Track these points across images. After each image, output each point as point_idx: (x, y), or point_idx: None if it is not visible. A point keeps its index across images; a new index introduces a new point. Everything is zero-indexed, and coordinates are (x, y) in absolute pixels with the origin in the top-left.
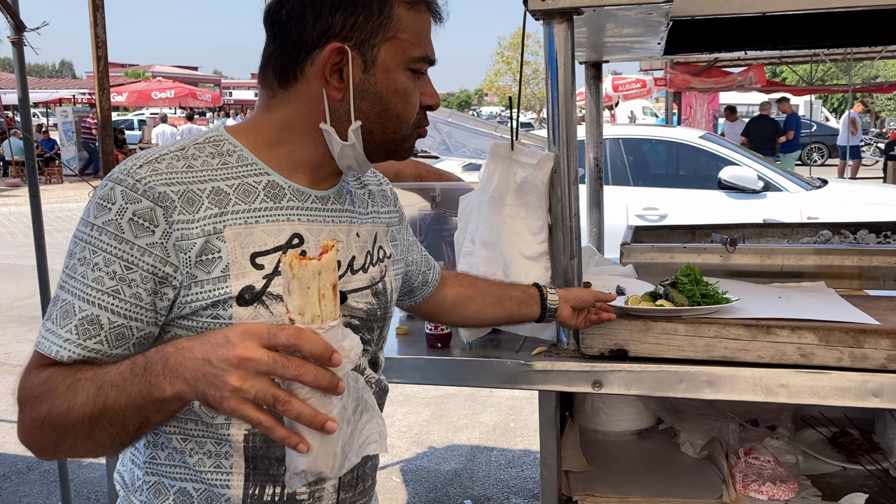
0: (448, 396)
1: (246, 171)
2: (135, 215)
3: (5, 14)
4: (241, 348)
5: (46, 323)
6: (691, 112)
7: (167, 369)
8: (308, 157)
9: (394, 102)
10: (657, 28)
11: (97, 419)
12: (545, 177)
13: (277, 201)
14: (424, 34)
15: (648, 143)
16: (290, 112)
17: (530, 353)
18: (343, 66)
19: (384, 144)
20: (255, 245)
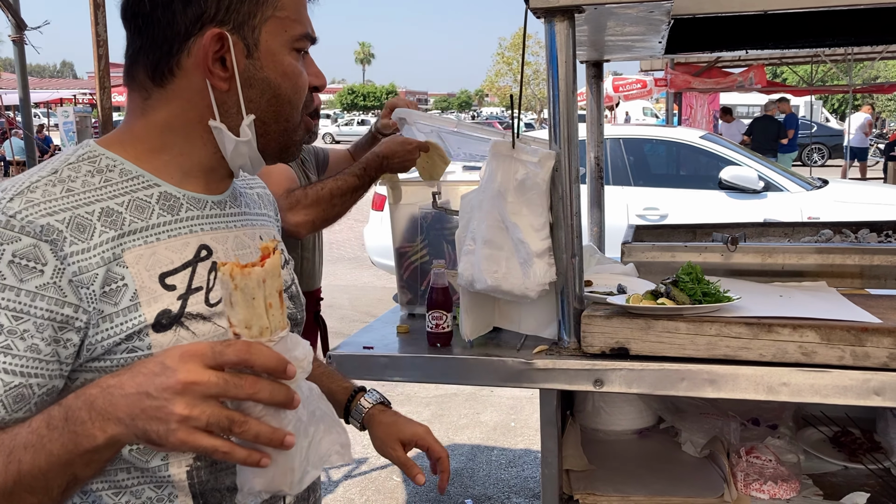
0: (449, 396)
1: (133, 186)
2: (15, 256)
3: (6, 13)
4: (183, 372)
5: None
6: (692, 112)
7: (95, 413)
8: (198, 160)
9: (284, 87)
10: (658, 26)
11: (12, 491)
12: (546, 175)
13: (175, 213)
14: (302, 10)
15: (649, 143)
16: (170, 112)
17: (531, 351)
18: (225, 53)
19: (278, 137)
20: (161, 265)
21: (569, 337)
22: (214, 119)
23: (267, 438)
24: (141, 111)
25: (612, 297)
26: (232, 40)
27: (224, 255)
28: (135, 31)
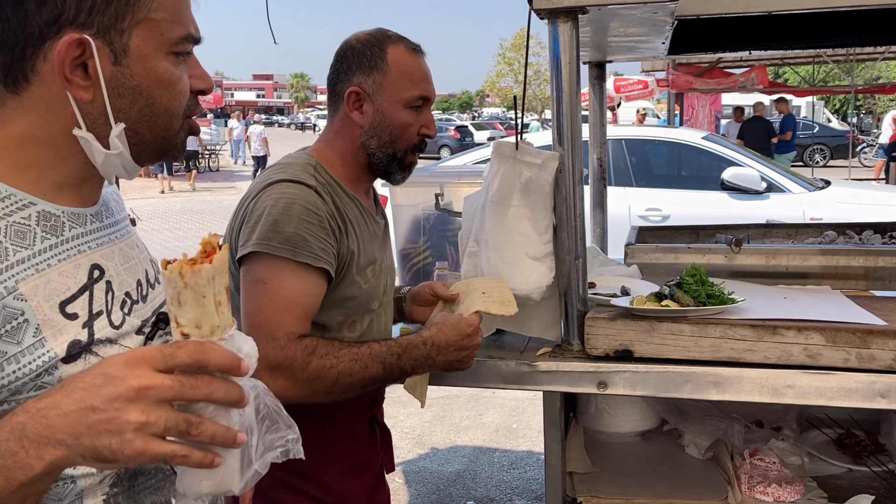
0: (450, 397)
1: (7, 208)
2: None
3: None
4: (133, 378)
5: None
6: (693, 113)
7: (27, 441)
8: (70, 172)
9: (158, 95)
10: (662, 27)
11: None
12: (550, 176)
13: (58, 234)
14: (182, 9)
15: (651, 143)
16: (30, 123)
17: (535, 353)
18: (87, 59)
19: (154, 144)
20: (58, 293)
21: (572, 339)
22: (79, 128)
23: (221, 438)
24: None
25: (615, 299)
26: (95, 45)
27: (115, 273)
28: None
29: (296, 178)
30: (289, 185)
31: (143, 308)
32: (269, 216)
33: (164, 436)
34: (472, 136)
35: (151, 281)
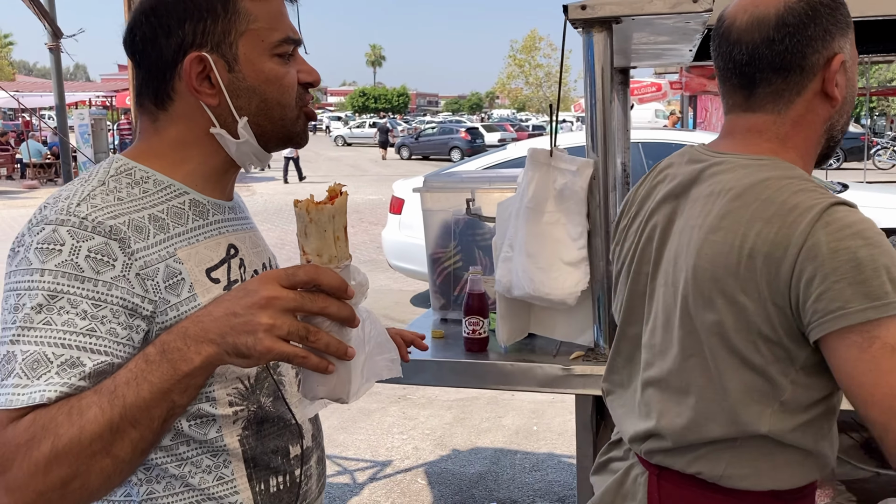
0: (470, 399)
1: (168, 195)
2: (91, 252)
3: (43, 21)
4: (265, 291)
5: (8, 381)
6: (707, 115)
7: (189, 340)
8: (215, 165)
9: (269, 91)
10: (692, 36)
11: (117, 426)
12: (584, 183)
13: (205, 218)
14: (278, 17)
15: (667, 147)
16: (179, 130)
17: (567, 357)
18: (209, 72)
19: (276, 132)
20: (205, 262)
21: (605, 343)
22: (215, 127)
23: (334, 349)
24: (154, 131)
25: None
26: (212, 59)
27: (246, 254)
28: (136, 66)
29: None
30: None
31: None
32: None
33: (287, 339)
34: (482, 137)
35: (273, 267)
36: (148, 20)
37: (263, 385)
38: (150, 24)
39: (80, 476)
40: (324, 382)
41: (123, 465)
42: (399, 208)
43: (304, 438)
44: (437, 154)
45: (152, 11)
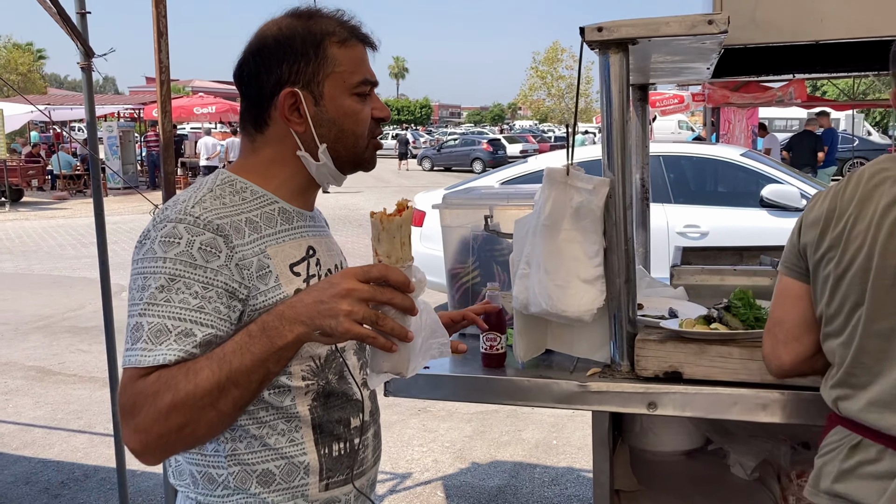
0: (489, 413)
1: (261, 203)
2: (202, 245)
3: (76, 41)
4: (345, 283)
5: (137, 345)
6: (730, 127)
7: (284, 321)
8: (300, 181)
9: (346, 123)
10: (709, 55)
11: (224, 385)
12: (601, 202)
13: (291, 223)
14: (360, 62)
15: (688, 160)
16: (272, 150)
17: (584, 373)
18: (298, 104)
19: (349, 158)
20: (289, 258)
21: (622, 360)
22: (300, 150)
23: (398, 332)
24: (252, 151)
25: (664, 321)
26: (302, 95)
27: (322, 255)
28: (242, 96)
29: None
30: None
31: None
32: None
33: (362, 323)
34: (504, 149)
35: (343, 267)
36: (254, 59)
37: (332, 365)
38: (255, 63)
39: (192, 424)
40: (388, 359)
41: (224, 417)
42: (420, 221)
43: (363, 412)
44: (458, 165)
45: (258, 52)
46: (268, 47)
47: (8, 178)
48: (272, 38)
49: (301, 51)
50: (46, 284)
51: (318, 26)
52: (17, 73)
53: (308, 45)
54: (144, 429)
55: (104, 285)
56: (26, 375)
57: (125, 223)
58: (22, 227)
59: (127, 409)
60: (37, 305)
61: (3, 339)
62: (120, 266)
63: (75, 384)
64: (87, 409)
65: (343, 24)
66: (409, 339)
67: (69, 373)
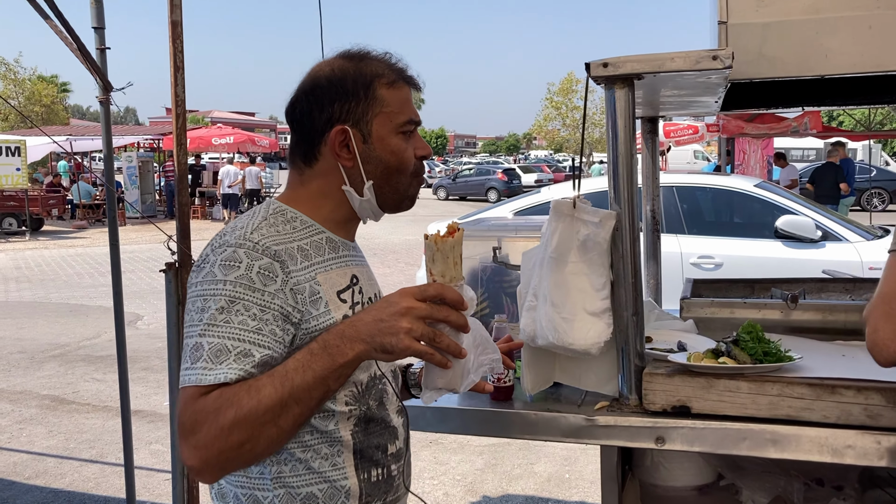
0: (502, 445)
1: (310, 232)
2: (261, 269)
3: (95, 76)
4: (404, 302)
5: (197, 364)
6: (745, 158)
7: (345, 340)
8: (344, 214)
9: (392, 161)
10: (715, 89)
11: (286, 402)
12: (607, 234)
13: (336, 252)
14: (406, 103)
15: (702, 190)
16: (320, 183)
17: (592, 407)
18: (348, 141)
19: (392, 195)
20: (336, 286)
21: (630, 394)
22: (346, 185)
23: (453, 349)
24: (301, 183)
25: (673, 354)
26: (352, 133)
27: (364, 283)
28: (292, 131)
29: None
30: None
31: None
32: None
33: (420, 340)
34: (519, 178)
35: (380, 296)
36: (307, 98)
37: (371, 391)
38: (307, 101)
39: (252, 440)
40: (442, 376)
41: (283, 434)
42: None
43: (398, 440)
44: (473, 195)
45: (311, 91)
46: (321, 87)
47: (29, 207)
48: (325, 79)
49: (352, 91)
50: (63, 313)
51: (369, 68)
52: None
53: (359, 86)
54: (205, 445)
55: (118, 315)
56: (40, 404)
57: (142, 252)
58: (41, 256)
59: (187, 427)
60: (53, 334)
61: (19, 368)
62: (136, 295)
63: (89, 413)
64: (99, 438)
65: (391, 67)
66: (463, 355)
67: (83, 402)
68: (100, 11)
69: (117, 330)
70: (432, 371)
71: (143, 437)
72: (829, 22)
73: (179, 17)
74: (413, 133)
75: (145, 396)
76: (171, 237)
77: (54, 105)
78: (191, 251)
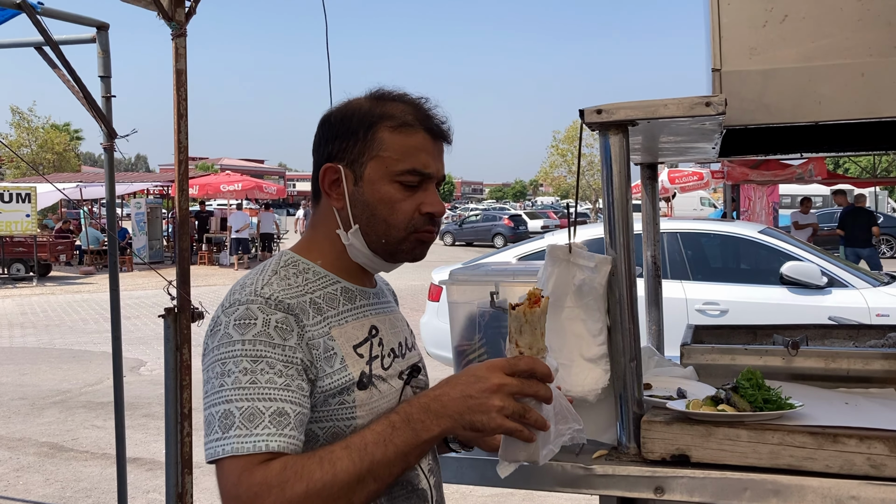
0: (505, 495)
1: (324, 283)
2: (277, 323)
3: (99, 123)
4: (494, 378)
5: (230, 433)
6: (750, 204)
7: (430, 414)
8: (349, 260)
9: (379, 209)
10: (711, 136)
11: (363, 477)
12: (603, 279)
13: (353, 302)
14: (412, 151)
15: (707, 237)
16: (325, 226)
17: (590, 456)
18: (340, 181)
19: (381, 246)
20: (352, 339)
21: (628, 442)
22: (339, 228)
23: (540, 423)
24: (312, 225)
25: (671, 402)
26: (344, 172)
27: (385, 333)
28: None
29: None
30: None
31: (402, 362)
32: None
33: (510, 417)
34: (525, 224)
35: (409, 345)
36: (321, 129)
37: None
38: (318, 135)
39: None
40: (524, 449)
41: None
42: (437, 295)
43: (427, 503)
44: (480, 240)
45: (323, 124)
46: (330, 121)
47: (37, 253)
48: (338, 113)
49: (353, 130)
50: (66, 359)
51: (381, 109)
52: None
53: (360, 126)
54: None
55: (116, 361)
56: (39, 451)
57: (148, 298)
58: (47, 302)
59: (245, 500)
60: (55, 380)
61: (20, 414)
62: (140, 341)
63: (87, 461)
64: (96, 486)
65: (413, 111)
66: (547, 428)
67: (81, 449)
68: (106, 62)
69: (115, 376)
70: (513, 444)
71: (140, 485)
72: (822, 70)
73: (184, 65)
74: (420, 186)
75: (145, 444)
76: (170, 282)
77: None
78: (190, 296)
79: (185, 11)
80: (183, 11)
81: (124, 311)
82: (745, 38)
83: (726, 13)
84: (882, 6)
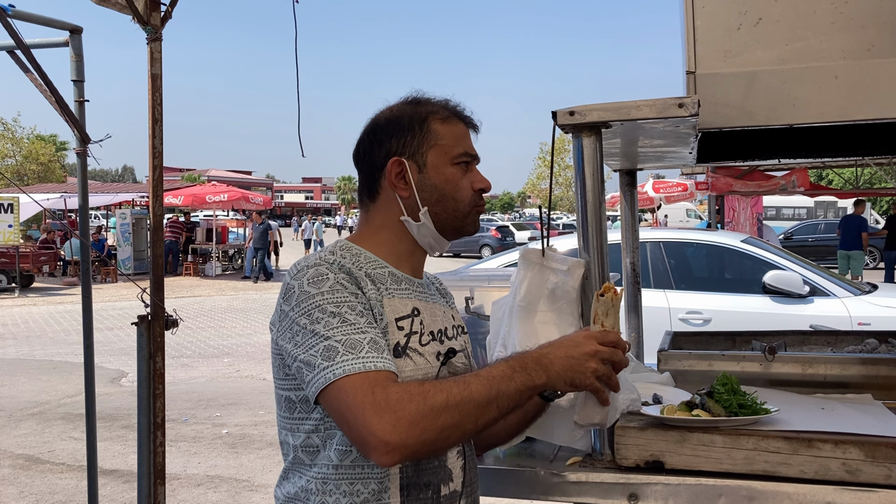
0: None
1: (375, 266)
2: (343, 279)
3: (72, 127)
4: (591, 345)
5: (338, 358)
6: (734, 215)
7: (540, 366)
8: (405, 247)
9: (447, 189)
10: (686, 139)
11: (491, 401)
12: (576, 283)
13: (398, 284)
14: (460, 138)
15: (690, 246)
16: (382, 217)
17: (564, 463)
18: (404, 172)
19: (450, 221)
20: (397, 312)
21: (603, 448)
22: (403, 215)
23: (617, 386)
24: (367, 220)
25: (646, 407)
26: (408, 164)
27: (426, 316)
28: (358, 171)
29: None
30: None
31: (440, 346)
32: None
33: (598, 378)
34: (512, 235)
35: (450, 336)
36: (368, 138)
37: None
38: (368, 141)
39: (454, 427)
40: (599, 412)
41: (472, 433)
42: None
43: (452, 482)
44: (467, 251)
45: (371, 131)
46: (380, 126)
47: (20, 264)
48: (384, 119)
49: (408, 126)
50: (46, 370)
51: (424, 108)
52: (37, 163)
53: (414, 122)
54: (411, 422)
55: (88, 371)
56: (14, 464)
57: (131, 309)
58: (28, 313)
59: (385, 405)
60: (33, 391)
61: None
62: (122, 352)
63: (62, 473)
64: (71, 499)
65: (447, 106)
66: (618, 390)
67: (57, 461)
68: (80, 66)
69: (87, 385)
70: (592, 407)
71: (116, 497)
72: (796, 72)
73: (159, 70)
74: (470, 167)
75: (123, 455)
76: (144, 290)
77: (51, 163)
78: (164, 304)
79: (160, 16)
80: (158, 16)
81: (107, 322)
82: (719, 41)
83: (701, 16)
84: (855, 9)
